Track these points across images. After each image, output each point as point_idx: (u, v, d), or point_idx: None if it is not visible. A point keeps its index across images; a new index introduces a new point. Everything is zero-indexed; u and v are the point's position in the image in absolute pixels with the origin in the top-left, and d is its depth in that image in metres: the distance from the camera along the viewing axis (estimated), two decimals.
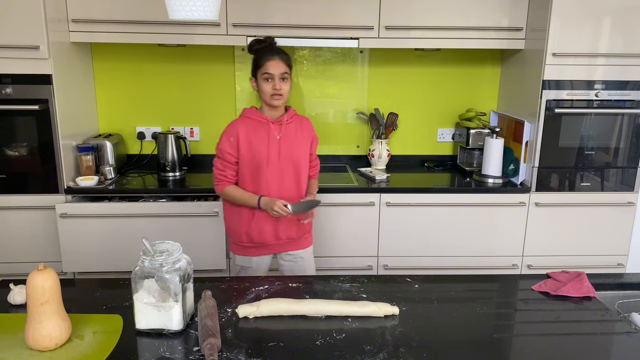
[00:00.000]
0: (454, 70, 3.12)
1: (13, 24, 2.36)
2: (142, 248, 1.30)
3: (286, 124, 2.08)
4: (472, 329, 1.37)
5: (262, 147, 2.04)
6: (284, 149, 2.06)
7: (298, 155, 2.09)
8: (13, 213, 2.57)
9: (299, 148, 2.10)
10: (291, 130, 2.10)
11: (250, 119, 2.08)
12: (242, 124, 2.07)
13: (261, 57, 2.02)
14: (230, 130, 2.07)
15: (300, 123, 2.15)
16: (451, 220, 2.73)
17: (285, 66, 2.01)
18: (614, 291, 1.70)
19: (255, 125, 2.06)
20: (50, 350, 1.22)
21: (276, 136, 2.05)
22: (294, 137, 2.09)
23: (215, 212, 2.57)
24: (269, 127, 2.05)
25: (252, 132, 2.05)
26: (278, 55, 2.01)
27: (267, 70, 1.99)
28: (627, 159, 2.75)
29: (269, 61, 1.99)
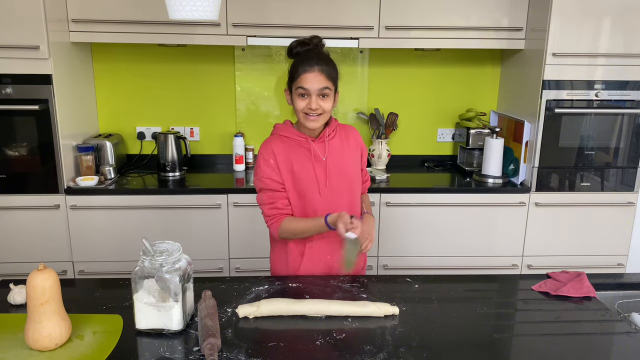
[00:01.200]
0: (454, 70, 3.12)
1: (13, 24, 2.35)
2: (142, 248, 1.30)
3: (329, 139, 1.72)
4: (472, 329, 1.37)
5: (307, 173, 1.68)
6: (333, 170, 1.70)
7: (349, 175, 1.74)
8: (13, 213, 2.57)
9: (349, 165, 1.74)
10: (336, 145, 1.73)
11: (287, 137, 1.70)
12: (279, 144, 1.70)
13: (297, 66, 1.62)
14: (265, 152, 1.69)
15: (346, 134, 1.78)
16: (451, 220, 2.73)
17: (325, 79, 1.60)
18: (614, 291, 1.70)
19: (293, 146, 1.69)
20: (50, 350, 1.22)
21: (321, 157, 1.70)
22: (341, 154, 1.73)
23: (217, 204, 2.57)
24: (310, 147, 1.69)
25: (293, 154, 1.68)
26: (318, 65, 1.59)
27: (302, 84, 1.60)
28: (627, 159, 2.75)
29: (305, 73, 1.59)
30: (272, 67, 3.04)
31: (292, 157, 1.68)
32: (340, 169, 1.71)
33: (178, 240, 1.42)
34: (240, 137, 2.98)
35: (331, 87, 1.62)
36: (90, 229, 2.60)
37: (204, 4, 1.63)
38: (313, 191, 1.68)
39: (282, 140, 1.70)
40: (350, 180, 1.73)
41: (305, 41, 1.66)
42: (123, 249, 2.61)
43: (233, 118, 3.10)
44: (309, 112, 1.61)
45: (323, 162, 1.69)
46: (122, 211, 2.59)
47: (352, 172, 1.75)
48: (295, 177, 1.67)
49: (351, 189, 1.74)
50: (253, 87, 3.06)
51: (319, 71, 1.59)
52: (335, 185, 1.70)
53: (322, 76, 1.59)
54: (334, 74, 1.64)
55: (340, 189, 1.71)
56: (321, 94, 1.60)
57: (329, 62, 1.64)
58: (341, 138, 1.76)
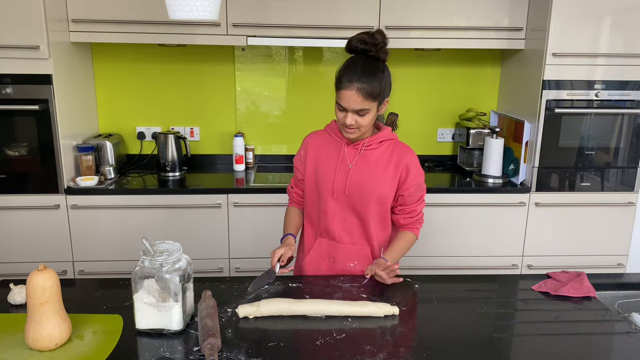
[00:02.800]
0: (454, 70, 3.12)
1: (13, 24, 2.35)
2: (142, 248, 1.30)
3: (366, 149, 1.65)
4: (472, 329, 1.37)
5: (328, 173, 1.66)
6: (355, 180, 1.64)
7: (374, 192, 1.64)
8: (13, 213, 2.56)
9: (378, 183, 1.63)
10: (372, 158, 1.64)
11: (328, 134, 1.71)
12: (316, 138, 1.72)
13: (340, 76, 1.54)
14: (303, 142, 1.75)
15: (392, 152, 1.65)
16: (451, 220, 2.73)
17: (363, 100, 1.51)
18: (614, 291, 1.70)
19: (329, 145, 1.69)
20: (50, 350, 1.22)
21: (349, 163, 1.66)
22: (373, 168, 1.64)
23: (217, 204, 2.57)
24: (342, 150, 1.66)
25: (323, 151, 1.69)
26: (359, 82, 1.49)
27: (339, 100, 1.54)
28: (627, 159, 2.75)
29: (344, 89, 1.52)
30: (272, 67, 3.04)
31: (322, 154, 1.69)
32: (364, 182, 1.63)
33: (178, 240, 1.42)
34: (240, 137, 2.98)
35: (370, 106, 1.53)
36: (90, 228, 2.60)
37: (204, 4, 1.63)
38: (328, 193, 1.67)
39: (322, 135, 1.72)
40: (373, 199, 1.64)
41: (365, 39, 1.53)
42: (123, 249, 2.61)
43: (233, 118, 3.09)
44: (345, 125, 1.57)
45: (348, 168, 1.65)
46: (122, 211, 2.59)
47: (378, 190, 1.64)
48: (317, 174, 1.69)
49: (372, 208, 1.66)
50: (253, 87, 3.06)
51: (357, 90, 1.49)
52: (354, 196, 1.65)
53: (359, 97, 1.50)
54: (378, 89, 1.52)
55: (359, 202, 1.65)
56: (359, 113, 1.54)
57: (374, 76, 1.51)
58: (385, 153, 1.65)
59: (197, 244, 2.64)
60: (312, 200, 1.73)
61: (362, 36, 1.54)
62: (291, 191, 1.85)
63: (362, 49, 1.55)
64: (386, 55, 1.58)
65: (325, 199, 1.68)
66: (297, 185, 1.82)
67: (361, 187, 1.64)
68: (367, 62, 1.53)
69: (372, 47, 1.54)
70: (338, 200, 1.67)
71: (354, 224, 1.69)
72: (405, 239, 1.70)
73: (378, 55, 1.56)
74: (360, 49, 1.55)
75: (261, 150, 3.15)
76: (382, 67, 1.56)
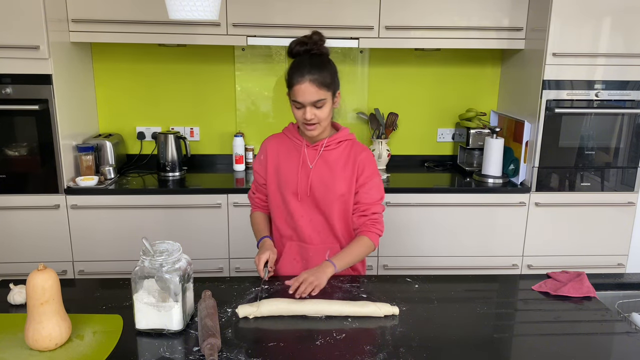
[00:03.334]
0: (454, 70, 3.12)
1: (13, 24, 2.35)
2: (142, 248, 1.30)
3: (325, 149, 1.67)
4: (472, 329, 1.37)
5: (290, 175, 1.68)
6: (317, 181, 1.66)
7: (334, 192, 1.66)
8: (13, 213, 2.56)
9: (335, 183, 1.66)
10: (331, 158, 1.67)
11: (287, 137, 1.73)
12: (275, 142, 1.74)
13: (290, 75, 1.58)
14: (261, 147, 1.77)
15: (350, 151, 1.68)
16: (451, 220, 2.73)
17: (318, 90, 1.54)
18: (614, 291, 1.70)
19: (289, 147, 1.71)
20: (50, 350, 1.22)
21: (309, 164, 1.68)
22: (331, 168, 1.66)
23: (217, 204, 2.58)
24: (302, 152, 1.68)
25: (283, 154, 1.71)
26: (310, 74, 1.53)
27: (295, 97, 1.57)
28: (627, 159, 2.75)
29: (297, 85, 1.55)
30: (272, 67, 3.04)
31: (282, 157, 1.71)
32: (325, 182, 1.66)
33: (178, 240, 1.42)
34: (240, 137, 2.98)
35: (325, 95, 1.56)
36: (90, 229, 2.60)
37: (204, 4, 1.63)
38: (292, 195, 1.69)
39: (281, 139, 1.74)
40: (334, 198, 1.66)
41: (304, 40, 1.60)
42: (123, 249, 2.61)
43: (233, 118, 3.09)
44: (305, 122, 1.60)
45: (309, 169, 1.67)
46: (122, 211, 2.59)
47: (338, 190, 1.66)
48: (279, 177, 1.70)
49: (329, 209, 1.68)
50: (253, 87, 3.06)
51: (310, 82, 1.53)
52: (317, 197, 1.67)
53: (313, 87, 1.54)
54: (329, 78, 1.57)
55: (322, 202, 1.67)
56: (316, 105, 1.57)
57: (322, 67, 1.56)
58: (342, 153, 1.68)
59: (197, 244, 2.64)
60: (277, 203, 1.73)
61: (300, 39, 1.61)
62: (253, 197, 1.83)
63: (304, 50, 1.60)
64: (327, 50, 1.63)
65: (290, 201, 1.69)
66: (258, 190, 1.81)
67: (323, 187, 1.67)
68: (312, 57, 1.59)
69: (313, 46, 1.60)
70: (302, 201, 1.69)
71: (321, 224, 1.71)
72: (358, 243, 1.66)
73: (321, 52, 1.61)
74: (302, 50, 1.60)
75: None
76: (327, 60, 1.62)
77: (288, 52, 1.64)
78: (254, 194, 1.83)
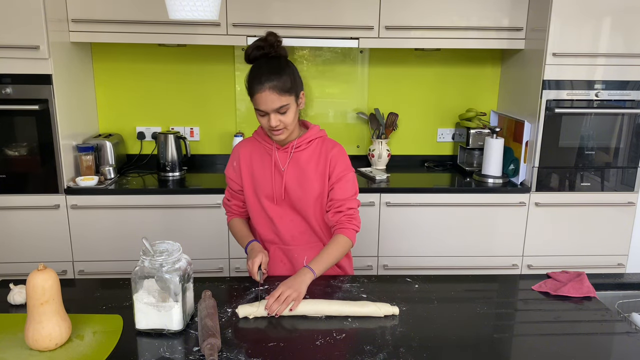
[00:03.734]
0: (454, 70, 3.12)
1: (13, 24, 2.35)
2: (142, 248, 1.30)
3: (295, 151, 1.66)
4: (472, 329, 1.37)
5: (265, 180, 1.67)
6: (291, 183, 1.65)
7: (309, 192, 1.65)
8: (13, 213, 2.56)
9: (309, 184, 1.64)
10: (302, 159, 1.65)
11: (257, 141, 1.71)
12: (247, 147, 1.72)
13: (250, 83, 1.54)
14: (233, 154, 1.74)
15: (322, 149, 1.66)
16: (451, 220, 2.73)
17: (279, 96, 1.51)
18: (614, 291, 1.70)
19: (261, 151, 1.69)
20: (50, 350, 1.22)
21: (281, 167, 1.66)
22: (303, 170, 1.65)
23: (217, 204, 2.58)
24: (273, 155, 1.66)
25: (256, 159, 1.69)
26: (268, 82, 1.49)
27: (257, 105, 1.54)
28: (627, 159, 2.75)
29: (257, 94, 1.52)
30: None
31: (255, 162, 1.68)
32: (299, 183, 1.64)
33: (178, 240, 1.42)
34: (240, 137, 2.98)
35: (288, 100, 1.53)
36: (90, 228, 2.60)
37: (204, 4, 1.63)
38: (269, 199, 1.67)
39: (252, 143, 1.71)
40: (310, 199, 1.65)
41: (259, 45, 1.55)
42: (123, 249, 2.61)
43: (233, 118, 3.10)
44: (271, 129, 1.57)
45: (281, 172, 1.65)
46: (122, 211, 2.59)
47: (313, 191, 1.64)
48: (255, 182, 1.68)
49: (305, 210, 1.67)
50: None
51: (269, 89, 1.49)
52: (293, 198, 1.66)
53: (274, 94, 1.50)
54: (289, 82, 1.53)
55: (299, 204, 1.66)
56: (279, 111, 1.53)
57: (281, 72, 1.52)
58: (313, 152, 1.66)
59: (197, 244, 2.64)
60: (256, 209, 1.71)
61: (256, 43, 1.56)
62: (229, 204, 1.79)
63: (261, 54, 1.56)
64: (285, 51, 1.60)
65: (268, 206, 1.68)
66: (234, 197, 1.77)
67: (298, 189, 1.65)
68: (269, 62, 1.55)
69: (270, 49, 1.56)
70: (279, 204, 1.68)
71: (302, 224, 1.70)
72: (335, 243, 1.62)
73: (278, 54, 1.58)
74: (259, 54, 1.56)
75: None
76: (285, 62, 1.57)
77: (245, 58, 1.59)
78: (229, 201, 1.78)
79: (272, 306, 1.39)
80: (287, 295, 1.41)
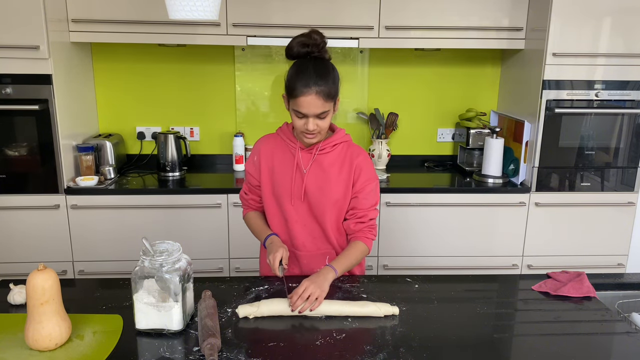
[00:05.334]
0: (454, 70, 3.12)
1: (13, 24, 2.35)
2: (142, 248, 1.30)
3: (319, 153, 1.62)
4: (472, 329, 1.37)
5: (284, 179, 1.63)
6: (311, 186, 1.61)
7: (330, 197, 1.61)
8: (13, 213, 2.56)
9: (330, 188, 1.61)
10: (326, 162, 1.61)
11: (281, 139, 1.66)
12: (269, 143, 1.68)
13: (294, 82, 1.49)
14: (254, 148, 1.71)
15: (345, 154, 1.63)
16: (451, 220, 2.73)
17: (324, 102, 1.47)
18: (614, 291, 1.70)
19: (283, 149, 1.65)
20: (50, 350, 1.22)
21: (303, 168, 1.62)
22: (326, 173, 1.61)
23: (217, 204, 2.58)
24: (296, 155, 1.62)
25: (277, 157, 1.65)
26: (316, 86, 1.45)
27: (298, 108, 1.49)
28: (627, 159, 2.75)
29: (301, 96, 1.47)
30: (272, 67, 3.04)
31: (276, 160, 1.65)
32: (319, 187, 1.61)
33: (178, 240, 1.42)
34: (240, 137, 2.98)
35: (330, 106, 1.50)
36: (90, 229, 2.60)
37: (204, 4, 1.63)
38: (286, 199, 1.64)
39: (275, 140, 1.68)
40: (329, 203, 1.62)
41: (305, 42, 1.50)
42: (123, 249, 2.61)
43: (233, 118, 3.10)
44: (305, 131, 1.53)
45: (303, 173, 1.62)
46: (122, 211, 2.59)
47: (333, 195, 1.62)
48: (273, 180, 1.65)
49: (329, 213, 1.63)
50: (253, 87, 3.06)
51: (316, 94, 1.46)
52: (312, 202, 1.62)
53: (319, 100, 1.46)
54: (334, 88, 1.50)
55: (316, 207, 1.63)
56: (319, 116, 1.50)
57: (327, 75, 1.49)
58: (338, 156, 1.63)
59: (197, 244, 2.64)
60: (272, 207, 1.68)
61: (301, 39, 1.51)
62: (246, 197, 1.76)
63: (305, 52, 1.52)
64: (328, 54, 1.56)
65: (284, 206, 1.65)
66: (252, 192, 1.74)
67: (317, 192, 1.62)
68: (316, 64, 1.50)
69: (314, 48, 1.51)
70: (296, 206, 1.64)
71: (315, 229, 1.67)
72: (355, 247, 1.62)
73: (322, 55, 1.54)
74: (303, 52, 1.52)
75: None
76: (331, 66, 1.54)
77: (287, 52, 1.54)
78: (247, 195, 1.76)
79: (297, 303, 1.38)
80: (310, 292, 1.40)
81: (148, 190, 2.64)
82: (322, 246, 1.69)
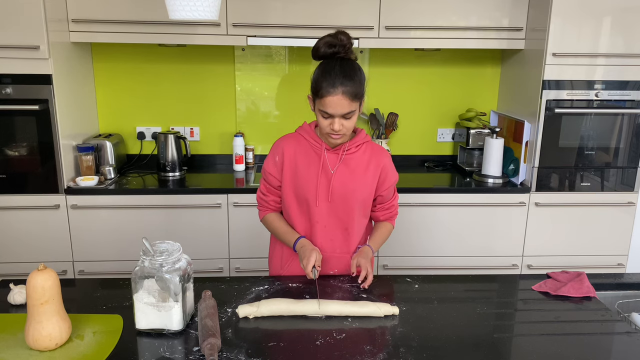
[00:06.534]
0: (454, 70, 3.12)
1: (13, 24, 2.35)
2: (142, 248, 1.30)
3: (346, 154, 1.63)
4: (472, 329, 1.37)
5: (309, 180, 1.62)
6: (338, 186, 1.62)
7: (356, 197, 1.64)
8: (13, 213, 2.56)
9: (357, 188, 1.63)
10: (353, 162, 1.63)
11: (304, 139, 1.65)
12: (292, 143, 1.66)
13: (320, 83, 1.49)
14: (276, 148, 1.67)
15: (370, 154, 1.66)
16: (451, 220, 2.73)
17: (350, 102, 1.48)
18: (614, 291, 1.70)
19: (307, 150, 1.64)
20: (50, 350, 1.22)
21: (330, 169, 1.62)
22: (353, 173, 1.63)
23: (217, 204, 2.58)
24: (322, 156, 1.62)
25: (301, 157, 1.64)
26: (343, 86, 1.46)
27: (324, 108, 1.50)
28: (627, 159, 2.75)
29: (328, 96, 1.47)
30: (272, 67, 3.04)
31: (300, 160, 1.63)
32: (347, 187, 1.62)
33: (178, 240, 1.42)
34: (240, 137, 2.98)
35: (356, 107, 1.51)
36: (90, 229, 2.60)
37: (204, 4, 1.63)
38: (311, 200, 1.63)
39: (298, 140, 1.66)
40: (356, 203, 1.64)
41: (332, 42, 1.51)
42: (123, 249, 2.61)
43: (233, 118, 3.10)
44: (331, 132, 1.54)
45: (330, 174, 1.62)
46: (122, 211, 2.59)
47: (360, 194, 1.64)
48: (297, 181, 1.64)
49: (355, 212, 1.65)
50: (253, 87, 3.06)
51: (342, 94, 1.46)
52: (338, 202, 1.63)
53: (346, 100, 1.47)
54: (360, 89, 1.51)
55: (342, 208, 1.64)
56: (345, 117, 1.51)
57: (354, 76, 1.49)
58: (362, 156, 1.64)
59: (197, 244, 2.64)
60: (293, 209, 1.67)
61: (328, 39, 1.52)
62: (265, 198, 1.73)
63: (331, 53, 1.52)
64: (354, 55, 1.57)
65: (307, 207, 1.64)
66: (271, 192, 1.71)
67: (344, 192, 1.63)
68: (343, 64, 1.51)
69: (341, 49, 1.52)
70: (320, 207, 1.64)
71: (335, 231, 1.67)
72: (386, 228, 1.78)
73: (348, 56, 1.55)
74: (329, 53, 1.52)
75: (261, 150, 3.15)
76: (357, 66, 1.55)
77: (313, 52, 1.55)
78: (266, 196, 1.72)
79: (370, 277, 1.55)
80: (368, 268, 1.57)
81: (148, 190, 2.64)
82: (338, 248, 1.69)
